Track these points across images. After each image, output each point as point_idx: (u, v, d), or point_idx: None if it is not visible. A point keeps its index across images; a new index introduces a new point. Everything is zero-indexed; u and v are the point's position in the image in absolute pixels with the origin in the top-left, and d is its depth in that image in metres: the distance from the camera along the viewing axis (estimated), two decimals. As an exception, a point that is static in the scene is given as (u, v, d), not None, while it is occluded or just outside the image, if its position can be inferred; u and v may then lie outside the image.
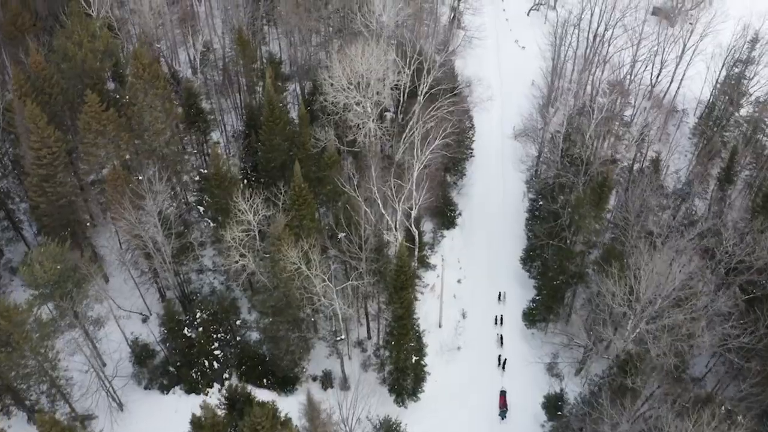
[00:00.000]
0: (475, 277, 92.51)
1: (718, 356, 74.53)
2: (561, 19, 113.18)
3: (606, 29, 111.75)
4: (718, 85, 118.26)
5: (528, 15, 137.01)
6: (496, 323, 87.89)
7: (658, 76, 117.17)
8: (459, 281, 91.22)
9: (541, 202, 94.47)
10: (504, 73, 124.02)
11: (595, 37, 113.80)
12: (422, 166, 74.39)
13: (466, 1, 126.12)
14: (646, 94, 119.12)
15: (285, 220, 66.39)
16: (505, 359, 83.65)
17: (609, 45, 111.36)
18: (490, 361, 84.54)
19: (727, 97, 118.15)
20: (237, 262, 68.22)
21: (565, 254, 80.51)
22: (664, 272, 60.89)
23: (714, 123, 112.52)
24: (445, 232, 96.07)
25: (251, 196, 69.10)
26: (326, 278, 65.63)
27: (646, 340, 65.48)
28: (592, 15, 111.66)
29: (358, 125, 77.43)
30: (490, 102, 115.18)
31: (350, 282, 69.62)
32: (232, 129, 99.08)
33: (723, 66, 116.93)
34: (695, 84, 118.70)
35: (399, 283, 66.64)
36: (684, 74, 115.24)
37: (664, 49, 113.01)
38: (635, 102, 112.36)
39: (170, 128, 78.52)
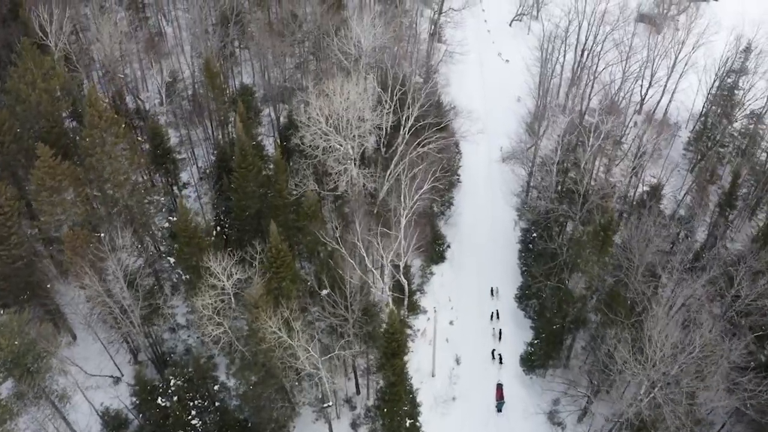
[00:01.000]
0: (467, 316, 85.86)
1: (735, 412, 68.92)
2: (547, 32, 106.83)
3: (595, 43, 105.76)
4: (711, 97, 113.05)
5: (510, 26, 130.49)
6: (492, 319, 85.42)
7: (648, 89, 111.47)
8: (451, 323, 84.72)
9: (534, 234, 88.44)
10: (488, 88, 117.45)
11: (583, 51, 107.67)
12: (410, 213, 67.83)
13: (447, 15, 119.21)
14: (637, 108, 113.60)
15: (262, 287, 59.52)
16: (501, 354, 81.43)
17: (599, 59, 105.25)
18: (486, 409, 78.50)
19: (720, 110, 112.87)
20: (212, 332, 61.29)
21: (564, 298, 74.50)
22: (681, 340, 55.03)
23: (708, 138, 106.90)
24: (434, 268, 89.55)
25: (224, 257, 62.12)
26: (310, 348, 58.92)
27: (660, 404, 59.61)
28: (579, 28, 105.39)
29: (339, 172, 70.52)
30: (475, 119, 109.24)
31: (337, 352, 62.89)
32: (204, 164, 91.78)
33: (716, 78, 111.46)
34: (687, 96, 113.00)
35: (390, 350, 60.18)
36: (676, 87, 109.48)
37: (654, 61, 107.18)
38: (627, 120, 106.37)
39: (134, 176, 71.31)
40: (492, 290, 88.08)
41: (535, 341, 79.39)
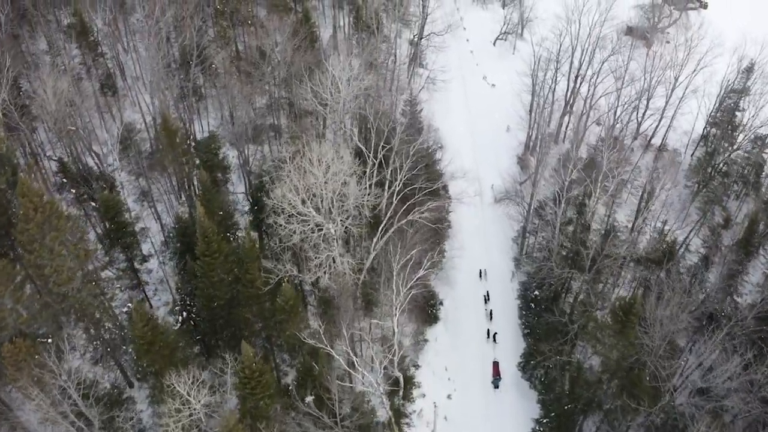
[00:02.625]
0: (466, 386, 76.32)
1: None
2: (536, 55, 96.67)
3: (590, 67, 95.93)
4: (710, 119, 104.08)
5: (494, 45, 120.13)
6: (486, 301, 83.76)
7: (644, 114, 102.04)
8: (449, 396, 74.91)
9: (536, 292, 78.97)
10: (475, 116, 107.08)
11: (576, 77, 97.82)
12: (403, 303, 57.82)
13: (428, 38, 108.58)
14: (633, 134, 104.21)
15: (235, 415, 49.35)
16: (495, 333, 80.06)
17: (595, 87, 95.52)
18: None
19: (720, 131, 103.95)
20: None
21: (578, 380, 65.33)
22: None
23: (713, 168, 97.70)
24: (428, 332, 79.44)
25: (192, 369, 51.82)
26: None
27: None
28: (573, 53, 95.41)
29: (321, 262, 60.01)
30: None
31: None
32: (168, 222, 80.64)
33: (717, 101, 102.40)
34: (686, 119, 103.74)
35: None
36: (675, 112, 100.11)
37: (651, 84, 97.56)
38: (634, 158, 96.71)
39: (82, 269, 60.44)
40: (480, 272, 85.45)
41: (544, 420, 70.15)
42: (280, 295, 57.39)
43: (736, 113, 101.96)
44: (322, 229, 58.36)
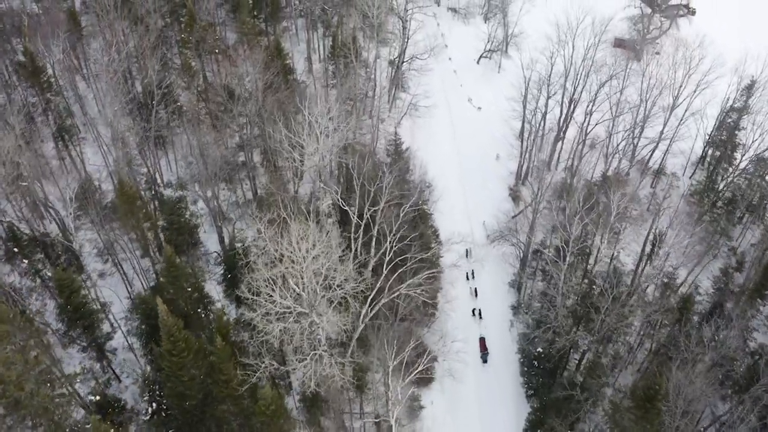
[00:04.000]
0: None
1: None
2: (526, 80, 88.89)
3: (582, 89, 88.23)
4: (710, 139, 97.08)
5: (478, 63, 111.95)
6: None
7: (639, 135, 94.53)
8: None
9: (539, 349, 71.40)
10: (461, 144, 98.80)
11: (570, 101, 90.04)
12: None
13: (410, 62, 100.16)
14: (629, 157, 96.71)
15: None
16: (480, 309, 79.55)
17: (590, 116, 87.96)
18: None
19: (720, 152, 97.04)
20: None
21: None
22: None
23: (715, 194, 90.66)
24: (423, 396, 71.79)
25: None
26: None
27: None
28: (566, 77, 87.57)
29: (305, 364, 51.72)
30: (451, 184, 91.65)
31: None
32: (139, 282, 71.88)
33: (717, 121, 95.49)
34: (683, 138, 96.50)
35: None
36: (674, 135, 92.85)
37: (647, 108, 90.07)
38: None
39: (34, 370, 51.83)
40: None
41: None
42: (260, 399, 49.27)
43: (737, 132, 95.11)
44: (305, 320, 50.10)
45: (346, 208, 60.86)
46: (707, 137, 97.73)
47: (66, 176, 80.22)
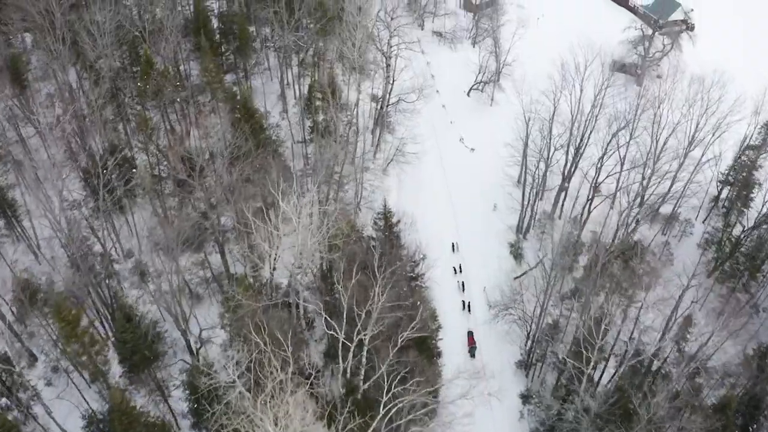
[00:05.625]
0: None
1: None
2: (523, 117, 77.75)
3: (590, 136, 77.30)
4: (723, 179, 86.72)
5: (468, 95, 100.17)
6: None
7: (649, 180, 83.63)
8: None
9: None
10: (454, 191, 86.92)
11: (577, 150, 78.87)
12: None
13: (396, 105, 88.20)
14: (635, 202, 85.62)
15: None
16: (469, 302, 75.99)
17: (600, 168, 77.08)
18: None
19: (735, 193, 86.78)
20: None
21: None
22: None
23: (733, 245, 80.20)
24: None
25: None
26: None
27: None
28: (573, 123, 76.37)
29: None
30: (445, 241, 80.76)
31: None
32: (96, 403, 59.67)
33: (733, 160, 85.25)
34: (699, 185, 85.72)
35: None
36: (689, 181, 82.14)
37: (657, 153, 79.34)
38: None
39: None
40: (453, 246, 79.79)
41: None
42: None
43: (754, 172, 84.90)
44: None
45: (332, 331, 49.42)
46: (721, 176, 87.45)
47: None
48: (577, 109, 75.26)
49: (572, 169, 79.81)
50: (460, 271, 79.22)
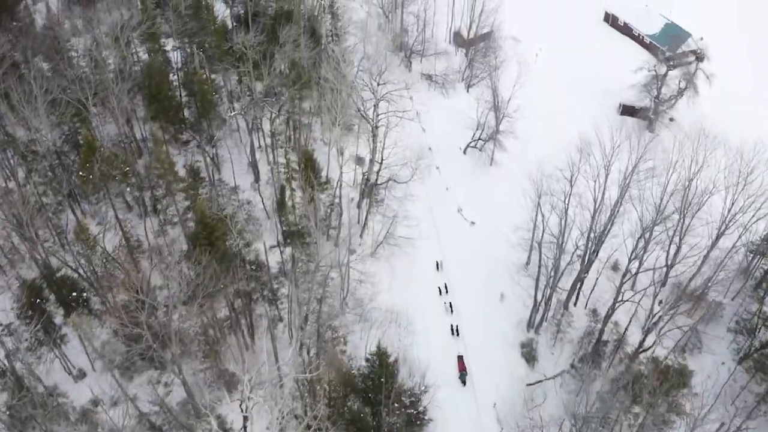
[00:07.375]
0: None
1: None
2: (541, 217, 65.40)
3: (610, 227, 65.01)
4: (753, 248, 75.29)
5: (465, 153, 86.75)
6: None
7: (676, 256, 71.80)
8: None
9: None
10: (452, 275, 74.29)
11: (598, 240, 66.33)
12: None
13: (387, 185, 75.00)
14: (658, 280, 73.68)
15: None
16: (457, 326, 69.38)
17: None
18: None
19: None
20: None
21: None
22: None
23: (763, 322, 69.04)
24: None
25: None
26: None
27: None
28: (596, 212, 63.83)
29: None
30: (446, 345, 68.53)
31: None
32: None
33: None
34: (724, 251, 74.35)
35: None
36: (722, 264, 70.55)
37: (683, 231, 67.74)
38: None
39: None
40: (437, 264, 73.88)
41: None
42: None
43: (793, 241, 73.62)
44: None
45: None
46: (751, 245, 76.17)
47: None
48: (601, 198, 62.78)
49: (593, 258, 67.70)
50: (446, 291, 72.71)
